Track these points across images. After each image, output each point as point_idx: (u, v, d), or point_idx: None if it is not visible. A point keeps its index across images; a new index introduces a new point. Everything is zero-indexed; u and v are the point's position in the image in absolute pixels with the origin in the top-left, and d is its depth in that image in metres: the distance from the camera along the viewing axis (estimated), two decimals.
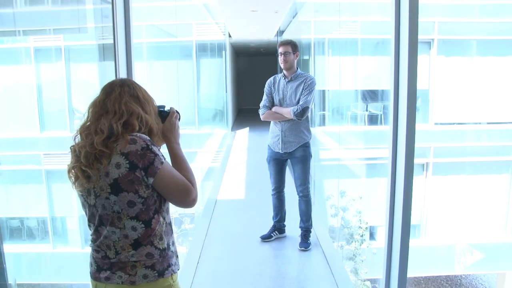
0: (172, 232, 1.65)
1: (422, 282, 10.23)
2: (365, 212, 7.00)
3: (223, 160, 9.13)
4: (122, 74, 2.66)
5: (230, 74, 14.15)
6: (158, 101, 1.71)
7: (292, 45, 3.78)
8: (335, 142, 8.09)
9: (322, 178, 7.93)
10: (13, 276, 2.51)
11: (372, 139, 9.13)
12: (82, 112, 1.62)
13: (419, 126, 2.76)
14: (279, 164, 3.95)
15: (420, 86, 2.64)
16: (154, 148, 1.53)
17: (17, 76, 4.24)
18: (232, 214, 5.31)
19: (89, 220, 1.61)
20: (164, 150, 1.68)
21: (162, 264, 1.58)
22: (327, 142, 8.38)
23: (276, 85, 3.87)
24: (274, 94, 3.86)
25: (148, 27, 6.24)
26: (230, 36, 12.64)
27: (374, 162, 8.35)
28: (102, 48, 3.07)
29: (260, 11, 7.75)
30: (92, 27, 3.38)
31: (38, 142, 4.77)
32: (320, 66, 8.73)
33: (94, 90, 1.65)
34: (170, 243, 1.63)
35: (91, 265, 1.62)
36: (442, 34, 9.29)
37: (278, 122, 3.83)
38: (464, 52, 9.70)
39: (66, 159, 1.60)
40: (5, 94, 3.98)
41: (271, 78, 3.93)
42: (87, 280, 1.65)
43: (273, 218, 4.16)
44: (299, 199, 3.95)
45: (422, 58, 8.88)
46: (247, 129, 13.29)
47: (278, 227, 4.16)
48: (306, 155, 3.84)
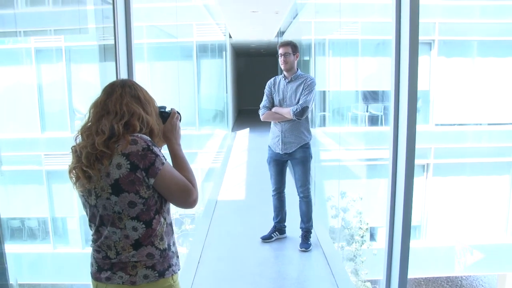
0: (172, 232, 1.65)
1: (422, 283, 10.22)
2: (365, 213, 7.00)
3: (224, 160, 9.12)
4: (123, 74, 2.66)
5: (230, 74, 14.15)
6: (159, 101, 1.71)
7: (292, 46, 3.78)
8: (336, 143, 8.09)
9: (323, 179, 7.93)
10: (14, 276, 2.51)
11: (372, 140, 9.13)
12: (82, 112, 1.62)
13: (420, 127, 2.75)
14: (280, 165, 3.95)
15: (420, 87, 2.64)
16: (155, 148, 1.53)
17: (18, 76, 4.24)
18: (232, 214, 5.31)
19: (90, 220, 1.61)
20: (165, 151, 1.68)
21: (162, 264, 1.58)
22: (328, 143, 8.38)
23: (276, 86, 3.87)
24: (274, 95, 3.86)
25: (148, 28, 6.25)
26: (230, 36, 12.64)
27: (375, 163, 8.35)
28: (103, 48, 3.07)
29: (260, 12, 7.75)
30: (93, 28, 3.38)
31: (39, 143, 4.77)
32: (320, 67, 8.73)
33: (95, 91, 1.65)
34: (171, 244, 1.63)
35: (92, 265, 1.62)
36: (443, 35, 9.28)
37: (278, 122, 3.83)
38: (465, 53, 9.69)
39: (66, 160, 1.60)
40: (6, 94, 3.98)
41: (272, 79, 3.93)
42: (88, 280, 1.65)
43: (273, 219, 4.16)
44: (300, 200, 3.95)
45: (422, 59, 8.87)
46: (248, 129, 13.28)
47: (279, 228, 4.15)
48: (306, 156, 3.84)
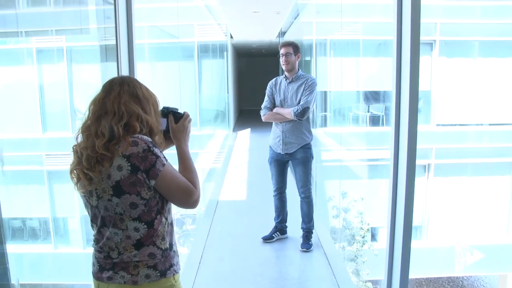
0: (173, 232, 1.65)
1: (423, 283, 10.21)
2: (366, 213, 6.99)
3: (225, 161, 9.12)
4: (124, 74, 2.66)
5: (231, 75, 14.15)
6: (160, 101, 1.70)
7: (293, 46, 3.78)
8: (337, 143, 8.09)
9: (324, 179, 7.93)
10: (16, 276, 2.52)
11: (373, 140, 9.12)
12: (84, 113, 1.61)
13: (421, 127, 2.75)
14: (281, 165, 3.95)
15: (422, 87, 2.64)
16: (156, 150, 1.52)
17: (19, 77, 4.25)
18: (233, 215, 5.30)
19: (91, 220, 1.61)
20: (168, 152, 1.68)
21: (164, 264, 1.58)
22: (329, 143, 8.38)
23: (277, 86, 3.86)
24: (275, 95, 3.86)
25: (150, 28, 6.25)
26: (231, 37, 12.65)
27: (376, 163, 8.35)
28: (104, 49, 3.08)
29: (261, 12, 7.75)
30: (94, 28, 3.39)
31: (40, 143, 4.78)
32: (321, 67, 8.73)
33: (96, 91, 1.64)
34: (172, 243, 1.63)
35: (94, 264, 1.62)
36: (444, 35, 9.28)
37: (279, 123, 3.83)
38: (466, 53, 9.69)
39: (68, 160, 1.59)
40: (7, 94, 3.99)
41: (273, 80, 3.92)
42: (89, 280, 1.65)
43: (274, 219, 4.15)
44: (301, 200, 3.94)
45: (424, 59, 8.86)
46: (249, 130, 13.27)
47: (280, 228, 4.15)
48: (307, 157, 3.83)
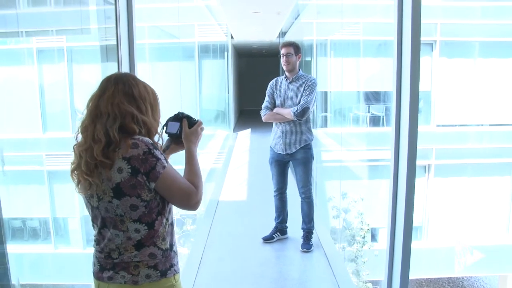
0: (174, 232, 1.65)
1: (424, 284, 10.20)
2: (366, 213, 6.99)
3: (225, 161, 9.12)
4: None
5: (232, 75, 14.15)
6: (161, 101, 1.69)
7: (294, 46, 3.78)
8: (337, 143, 8.09)
9: (324, 179, 7.93)
10: (16, 276, 2.52)
11: (374, 141, 9.12)
12: (83, 114, 1.60)
13: (421, 128, 2.75)
14: (281, 165, 3.94)
15: (422, 88, 2.64)
16: (156, 152, 1.51)
17: (19, 76, 4.25)
18: (234, 215, 5.30)
19: (92, 220, 1.61)
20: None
21: (164, 264, 1.58)
22: (329, 144, 8.38)
23: (278, 86, 3.86)
24: (276, 96, 3.86)
25: (150, 28, 6.25)
26: (232, 37, 12.65)
27: (376, 163, 8.34)
28: (105, 49, 3.08)
29: (262, 13, 7.75)
30: (95, 28, 3.39)
31: (40, 143, 4.78)
32: (322, 67, 8.73)
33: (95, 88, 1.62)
34: (173, 243, 1.63)
35: (94, 264, 1.61)
36: (445, 36, 9.28)
37: (280, 123, 3.83)
38: (466, 53, 9.69)
39: (68, 160, 1.59)
40: (7, 94, 3.98)
41: (273, 80, 3.92)
42: (89, 280, 1.65)
43: (275, 220, 4.15)
44: (301, 201, 3.94)
45: (424, 60, 8.84)
46: (249, 130, 13.27)
47: (280, 229, 4.15)
48: (308, 157, 3.83)
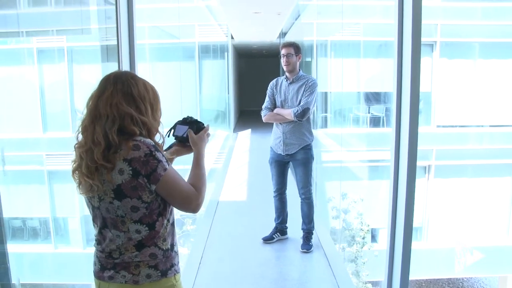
0: (175, 232, 1.65)
1: (423, 284, 10.20)
2: (366, 214, 7.00)
3: (225, 161, 9.12)
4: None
5: (232, 75, 14.15)
6: (161, 101, 1.69)
7: (295, 47, 3.78)
8: (337, 144, 8.09)
9: (324, 180, 7.93)
10: (16, 276, 2.52)
11: (374, 141, 9.12)
12: (83, 113, 1.59)
13: (421, 129, 2.75)
14: (281, 166, 3.94)
15: (422, 89, 2.64)
16: (158, 154, 1.50)
17: (20, 76, 4.25)
18: (234, 215, 5.30)
19: (93, 220, 1.61)
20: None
21: (165, 264, 1.58)
22: (329, 144, 8.38)
23: (278, 87, 3.86)
24: (276, 96, 3.86)
25: (151, 29, 6.26)
26: (232, 37, 12.65)
27: (376, 164, 8.34)
28: (105, 49, 3.08)
29: (262, 13, 7.75)
30: (95, 28, 3.39)
31: (41, 143, 4.78)
32: (322, 68, 8.73)
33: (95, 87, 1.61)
34: (174, 244, 1.63)
35: (95, 264, 1.61)
36: (445, 37, 9.28)
37: (280, 124, 3.83)
38: (466, 54, 9.68)
39: (68, 160, 1.58)
40: (8, 94, 3.99)
41: (274, 80, 3.92)
42: (89, 280, 1.65)
43: (275, 220, 4.15)
44: (301, 201, 3.94)
45: (424, 61, 8.85)
46: (249, 130, 13.27)
47: (280, 229, 4.15)
48: (308, 157, 3.83)
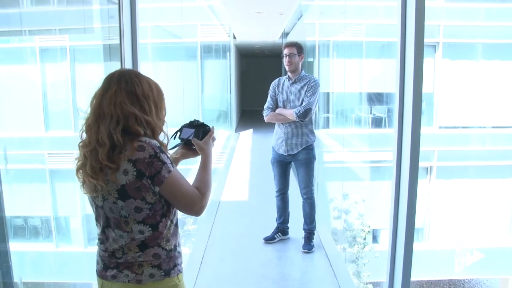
0: (178, 233, 1.65)
1: (425, 285, 10.18)
2: (368, 215, 6.99)
3: (227, 161, 9.12)
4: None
5: (234, 75, 14.16)
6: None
7: (297, 47, 3.78)
8: (339, 144, 8.08)
9: (326, 180, 7.92)
10: (18, 274, 2.52)
11: (376, 142, 9.11)
12: (86, 112, 1.59)
13: (423, 130, 2.74)
14: (283, 166, 3.94)
15: (424, 90, 2.63)
16: (163, 156, 1.50)
17: (22, 75, 4.25)
18: (235, 215, 5.30)
19: (96, 219, 1.61)
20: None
21: (168, 263, 1.58)
22: (331, 145, 8.37)
23: (280, 87, 3.86)
24: (278, 96, 3.86)
25: (153, 28, 6.26)
26: (234, 37, 12.66)
27: (378, 165, 8.33)
28: (108, 48, 3.08)
29: (265, 13, 7.75)
30: (98, 28, 3.39)
31: (43, 142, 4.78)
32: (324, 68, 8.72)
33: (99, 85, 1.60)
34: (177, 244, 1.63)
35: (98, 263, 1.61)
36: (448, 37, 9.26)
37: (282, 124, 3.83)
38: (469, 55, 9.66)
39: (70, 159, 1.59)
40: (10, 93, 3.99)
41: (276, 80, 3.92)
42: (91, 279, 1.65)
43: (276, 220, 4.15)
44: (303, 201, 3.94)
45: (427, 61, 8.81)
46: (251, 130, 13.28)
47: (282, 229, 4.15)
48: (310, 158, 3.83)
